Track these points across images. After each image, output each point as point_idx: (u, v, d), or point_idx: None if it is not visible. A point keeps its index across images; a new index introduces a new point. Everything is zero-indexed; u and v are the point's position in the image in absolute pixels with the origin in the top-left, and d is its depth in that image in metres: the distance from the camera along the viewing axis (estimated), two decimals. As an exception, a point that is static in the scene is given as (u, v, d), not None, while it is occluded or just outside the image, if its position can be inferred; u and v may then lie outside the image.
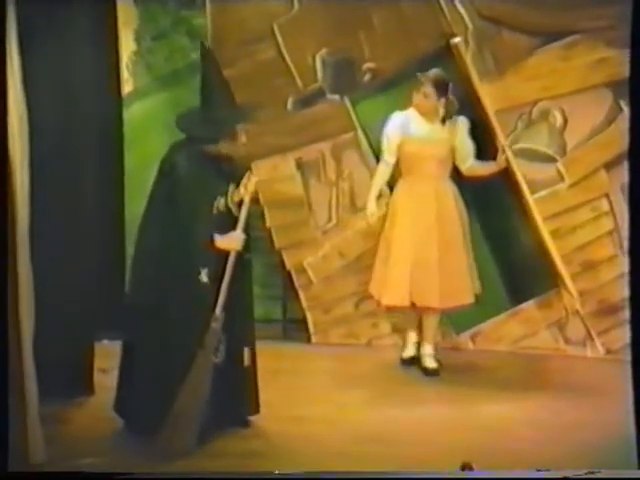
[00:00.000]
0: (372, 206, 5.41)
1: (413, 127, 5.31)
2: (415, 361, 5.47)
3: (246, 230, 4.40)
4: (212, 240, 4.30)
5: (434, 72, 5.30)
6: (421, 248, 5.30)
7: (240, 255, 4.35)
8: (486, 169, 5.40)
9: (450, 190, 5.37)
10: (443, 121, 5.31)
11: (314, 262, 6.05)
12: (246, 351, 4.43)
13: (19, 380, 3.98)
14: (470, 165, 5.38)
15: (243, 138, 4.41)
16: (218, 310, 4.30)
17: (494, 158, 5.38)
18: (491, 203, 5.80)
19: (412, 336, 5.52)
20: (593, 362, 5.64)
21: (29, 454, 3.99)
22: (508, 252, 5.86)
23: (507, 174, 5.60)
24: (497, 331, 5.88)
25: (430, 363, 5.41)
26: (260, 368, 4.56)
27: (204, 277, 4.27)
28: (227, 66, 5.90)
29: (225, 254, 4.33)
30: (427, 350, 5.44)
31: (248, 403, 4.54)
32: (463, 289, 5.34)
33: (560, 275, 5.73)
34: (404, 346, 5.55)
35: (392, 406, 4.95)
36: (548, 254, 5.72)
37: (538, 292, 5.83)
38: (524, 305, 5.83)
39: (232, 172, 4.44)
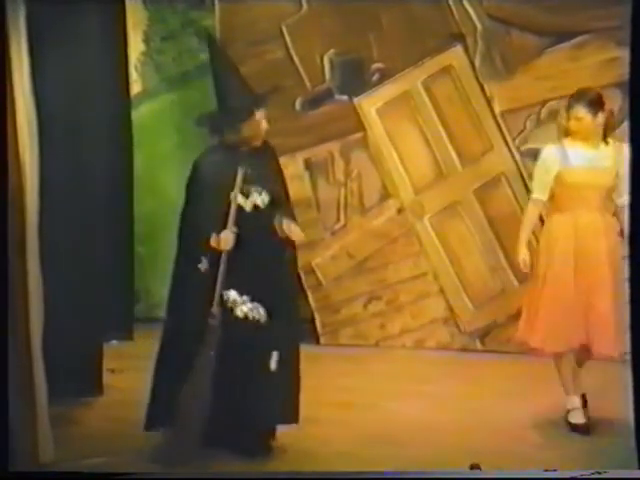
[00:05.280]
0: (525, 252, 4.63)
1: (572, 156, 4.57)
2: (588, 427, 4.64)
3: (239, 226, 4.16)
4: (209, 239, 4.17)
5: (582, 90, 4.60)
6: (590, 290, 4.56)
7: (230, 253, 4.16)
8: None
9: (613, 224, 4.62)
10: (604, 138, 4.59)
11: (322, 263, 6.05)
12: (274, 355, 4.26)
13: (28, 380, 3.99)
14: (622, 204, 4.50)
15: (264, 124, 4.29)
16: (215, 306, 4.20)
17: None
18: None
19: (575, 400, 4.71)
20: (600, 363, 5.62)
21: (39, 453, 4.00)
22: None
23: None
24: (506, 332, 5.87)
25: (578, 418, 4.65)
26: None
27: (203, 265, 4.15)
28: (236, 66, 5.91)
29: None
30: (575, 403, 4.69)
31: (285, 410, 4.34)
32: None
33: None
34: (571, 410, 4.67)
35: (400, 407, 4.95)
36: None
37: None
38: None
39: (248, 158, 4.24)
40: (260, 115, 4.25)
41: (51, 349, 4.21)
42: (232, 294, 4.21)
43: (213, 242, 4.20)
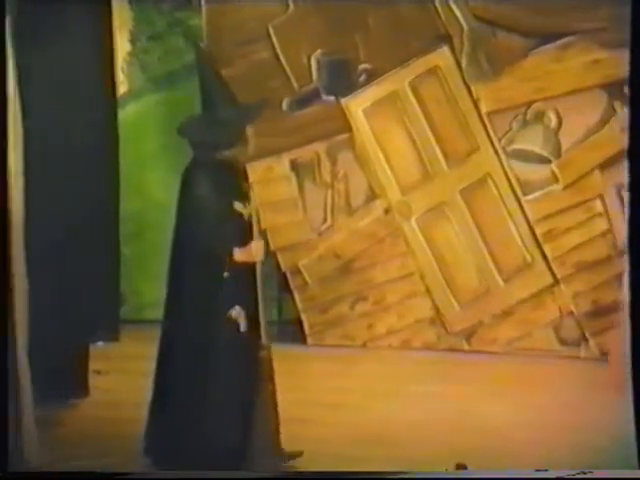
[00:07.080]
0: None
1: None
2: None
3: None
4: (232, 254, 3.97)
5: None
6: None
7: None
8: None
9: None
10: None
11: (309, 263, 6.05)
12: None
13: (14, 382, 3.97)
14: None
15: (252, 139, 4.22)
16: (264, 339, 4.12)
17: None
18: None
19: None
20: (586, 363, 5.65)
21: (24, 456, 3.99)
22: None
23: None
24: (492, 332, 5.89)
25: None
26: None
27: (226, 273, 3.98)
28: (222, 67, 5.88)
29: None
30: None
31: None
32: None
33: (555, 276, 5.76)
34: None
35: (388, 407, 4.96)
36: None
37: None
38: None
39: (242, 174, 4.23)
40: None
41: (37, 351, 4.20)
42: (237, 309, 4.05)
43: (241, 256, 3.98)
